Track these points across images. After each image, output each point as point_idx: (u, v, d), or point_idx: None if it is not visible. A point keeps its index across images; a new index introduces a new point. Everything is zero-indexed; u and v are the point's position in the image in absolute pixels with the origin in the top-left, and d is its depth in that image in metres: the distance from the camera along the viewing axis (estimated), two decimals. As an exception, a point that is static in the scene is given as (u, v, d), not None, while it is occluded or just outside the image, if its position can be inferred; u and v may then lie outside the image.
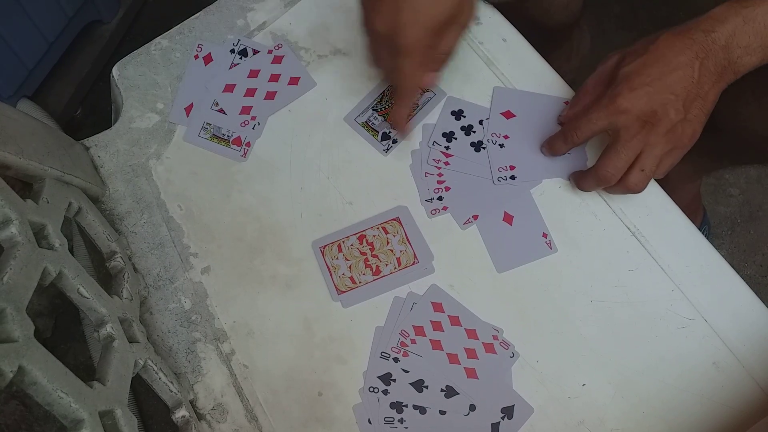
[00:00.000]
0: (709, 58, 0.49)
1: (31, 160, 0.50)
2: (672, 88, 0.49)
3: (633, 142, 0.51)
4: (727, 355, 0.53)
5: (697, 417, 0.52)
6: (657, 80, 0.49)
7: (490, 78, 0.64)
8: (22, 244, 0.43)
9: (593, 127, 0.52)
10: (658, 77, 0.49)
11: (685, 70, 0.49)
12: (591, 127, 0.53)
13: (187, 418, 0.52)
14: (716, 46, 0.49)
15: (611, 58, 0.55)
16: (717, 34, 0.49)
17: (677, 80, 0.49)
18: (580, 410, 0.53)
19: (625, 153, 0.51)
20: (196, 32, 0.69)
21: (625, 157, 0.52)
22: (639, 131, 0.51)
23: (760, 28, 0.48)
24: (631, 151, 0.51)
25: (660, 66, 0.50)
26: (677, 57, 0.49)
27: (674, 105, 0.50)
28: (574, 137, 0.54)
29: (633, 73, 0.51)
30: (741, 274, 0.56)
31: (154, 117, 0.65)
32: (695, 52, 0.49)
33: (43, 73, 1.20)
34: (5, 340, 0.37)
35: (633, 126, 0.50)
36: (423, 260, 0.58)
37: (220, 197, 0.62)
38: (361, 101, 0.65)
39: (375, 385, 0.54)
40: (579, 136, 0.54)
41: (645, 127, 0.50)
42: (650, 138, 0.51)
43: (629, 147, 0.51)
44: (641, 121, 0.50)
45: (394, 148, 0.62)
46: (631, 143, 0.51)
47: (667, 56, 0.50)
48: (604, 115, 0.51)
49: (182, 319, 0.58)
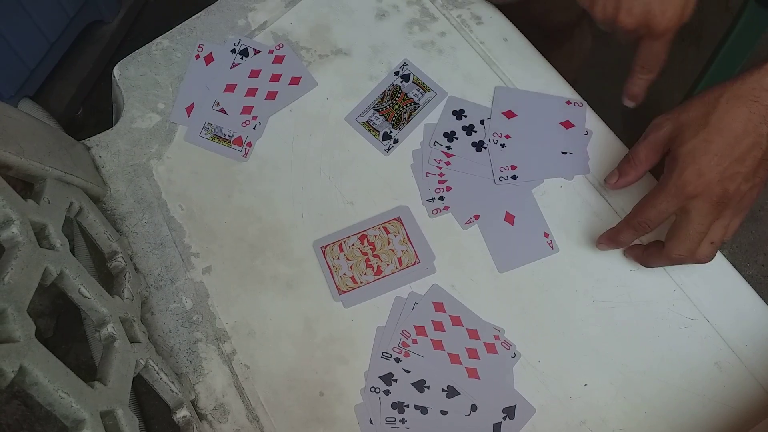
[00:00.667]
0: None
1: (32, 160, 0.50)
2: (742, 162, 0.46)
3: (705, 223, 0.48)
4: (729, 355, 0.53)
5: (699, 417, 0.52)
6: (725, 157, 0.46)
7: (491, 78, 0.64)
8: (23, 244, 0.43)
9: (663, 216, 0.49)
10: (727, 154, 0.46)
11: (753, 138, 0.46)
12: (661, 216, 0.49)
13: (189, 419, 0.52)
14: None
15: (663, 126, 0.51)
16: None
17: (746, 152, 0.46)
18: (581, 410, 0.53)
19: (698, 234, 0.48)
20: (197, 32, 0.69)
21: (698, 238, 0.49)
22: (711, 211, 0.48)
23: None
24: (702, 231, 0.48)
25: (725, 139, 0.46)
26: (744, 126, 0.46)
27: (745, 178, 0.47)
28: (645, 228, 0.51)
29: (698, 153, 0.47)
30: (743, 273, 0.55)
31: (155, 117, 0.65)
32: (762, 116, 0.46)
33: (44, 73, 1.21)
34: (6, 340, 0.37)
35: (705, 207, 0.48)
36: (424, 260, 0.58)
37: (221, 197, 0.62)
38: (361, 101, 0.65)
39: (376, 385, 0.54)
40: (650, 226, 0.50)
41: (717, 207, 0.48)
42: (723, 214, 0.48)
43: (701, 227, 0.48)
44: (713, 202, 0.47)
45: (395, 148, 0.62)
46: (703, 224, 0.48)
47: (732, 127, 0.46)
48: (674, 202, 0.48)
49: (183, 319, 0.58)
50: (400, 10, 0.68)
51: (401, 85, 0.65)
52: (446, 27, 0.67)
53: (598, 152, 0.60)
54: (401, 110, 0.64)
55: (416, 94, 0.64)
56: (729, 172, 0.46)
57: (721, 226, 0.49)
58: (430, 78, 0.65)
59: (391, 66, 0.66)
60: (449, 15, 0.68)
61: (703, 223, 0.48)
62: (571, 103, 0.62)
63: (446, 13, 0.68)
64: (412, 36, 0.67)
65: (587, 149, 0.60)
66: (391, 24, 0.68)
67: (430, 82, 0.65)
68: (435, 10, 0.68)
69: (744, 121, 0.46)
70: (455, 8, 0.68)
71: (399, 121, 0.63)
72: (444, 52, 0.66)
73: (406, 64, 0.66)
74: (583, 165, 0.60)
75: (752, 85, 0.46)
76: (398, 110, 0.64)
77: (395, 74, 0.65)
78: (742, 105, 0.46)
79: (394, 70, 0.65)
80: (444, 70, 0.65)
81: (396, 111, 0.64)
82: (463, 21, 0.67)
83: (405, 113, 0.64)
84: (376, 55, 0.66)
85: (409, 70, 0.65)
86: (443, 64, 0.65)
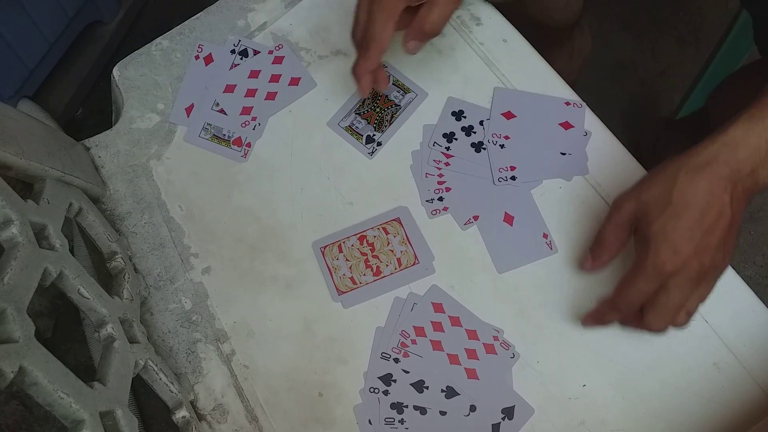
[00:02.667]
0: (737, 188, 0.46)
1: (31, 161, 0.50)
2: (712, 233, 0.46)
3: (684, 297, 0.48)
4: (728, 356, 0.53)
5: (697, 417, 0.52)
6: (696, 231, 0.46)
7: (490, 78, 0.64)
8: (22, 245, 0.44)
9: (643, 296, 0.48)
10: (697, 227, 0.46)
11: (718, 208, 0.46)
12: (641, 297, 0.48)
13: (188, 419, 0.52)
14: (742, 175, 0.46)
15: (624, 206, 0.50)
16: (742, 164, 0.46)
17: (713, 223, 0.46)
18: (580, 411, 0.53)
19: (677, 308, 0.48)
20: (197, 33, 0.69)
21: (677, 310, 0.48)
22: (690, 286, 0.47)
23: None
24: (681, 304, 0.48)
25: (692, 213, 0.46)
26: (707, 198, 0.46)
27: (717, 248, 0.47)
28: (629, 309, 0.49)
29: (669, 231, 0.47)
30: (741, 274, 0.56)
31: (155, 117, 0.65)
32: (723, 188, 0.46)
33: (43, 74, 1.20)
34: (6, 341, 0.37)
35: (684, 283, 0.47)
36: (423, 261, 0.58)
37: (220, 198, 0.62)
38: (343, 105, 0.65)
39: (375, 385, 0.54)
40: (634, 307, 0.49)
41: (696, 281, 0.47)
42: (700, 286, 0.48)
43: (681, 301, 0.48)
44: (692, 278, 0.47)
45: (379, 151, 0.62)
46: (682, 298, 0.48)
47: (696, 201, 0.46)
48: (655, 282, 0.47)
49: (183, 319, 0.58)
50: (399, 11, 0.68)
51: None
52: (446, 28, 0.67)
53: (597, 153, 0.60)
54: (383, 113, 0.64)
55: (397, 96, 0.64)
56: (702, 245, 0.46)
57: (697, 297, 0.48)
58: (410, 79, 0.65)
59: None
60: (448, 16, 0.68)
61: (682, 298, 0.47)
62: (570, 104, 0.62)
63: (445, 14, 0.68)
64: (411, 37, 0.67)
65: (586, 150, 0.61)
66: (390, 25, 0.68)
67: (410, 83, 0.65)
68: (434, 11, 0.68)
69: (706, 193, 0.46)
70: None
71: (381, 124, 0.63)
72: (443, 53, 0.66)
73: (385, 66, 0.66)
74: (582, 166, 0.60)
75: (707, 158, 0.46)
76: (380, 113, 0.64)
77: None
78: (701, 178, 0.46)
79: None
80: (443, 70, 0.65)
81: (378, 114, 0.64)
82: (462, 22, 0.67)
83: (387, 115, 0.64)
84: (375, 55, 0.66)
85: (388, 72, 0.65)
86: (442, 65, 0.66)
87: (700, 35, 1.35)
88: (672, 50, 1.34)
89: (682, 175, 0.47)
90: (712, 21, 1.36)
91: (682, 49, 1.34)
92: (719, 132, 0.47)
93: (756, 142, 0.45)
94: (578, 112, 0.62)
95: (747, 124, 0.46)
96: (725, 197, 0.46)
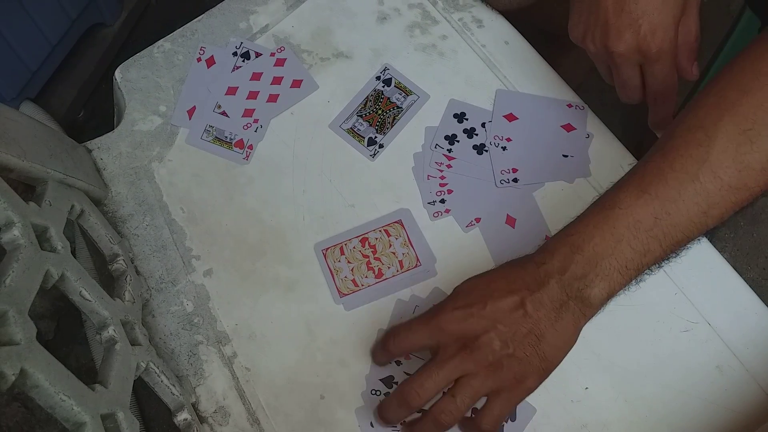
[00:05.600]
0: (543, 292, 0.44)
1: (33, 163, 0.50)
2: (497, 317, 0.44)
3: (449, 365, 0.44)
4: (731, 359, 0.53)
5: (700, 420, 0.52)
6: (482, 304, 0.45)
7: (492, 81, 0.64)
8: (24, 247, 0.43)
9: (412, 337, 0.47)
10: (484, 301, 0.45)
11: (514, 301, 0.44)
12: (410, 336, 0.47)
13: (189, 421, 0.52)
14: (550, 279, 0.45)
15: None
16: (547, 266, 0.45)
17: (503, 310, 0.44)
18: (583, 414, 0.53)
19: (437, 374, 0.44)
20: (199, 35, 0.69)
21: (436, 379, 0.44)
22: (457, 353, 0.45)
23: (590, 257, 0.44)
24: (443, 374, 0.44)
25: (489, 291, 0.45)
26: (508, 286, 0.45)
27: (499, 336, 0.44)
28: (391, 346, 0.48)
29: (461, 293, 0.47)
30: (744, 277, 0.55)
31: (157, 120, 0.65)
32: (526, 284, 0.45)
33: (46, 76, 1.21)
34: (7, 343, 0.37)
35: (451, 347, 0.45)
36: (425, 263, 0.58)
37: (222, 200, 0.62)
38: (345, 107, 0.65)
39: (377, 387, 0.54)
40: (397, 345, 0.48)
41: (464, 351, 0.44)
42: (468, 365, 0.44)
43: (444, 368, 0.44)
44: (460, 343, 0.45)
45: (381, 153, 0.62)
46: (447, 365, 0.44)
47: (497, 283, 0.46)
48: (424, 329, 0.46)
49: (184, 321, 0.58)
50: (401, 14, 0.68)
51: (383, 90, 0.65)
52: (447, 30, 0.67)
53: (599, 155, 0.60)
54: (385, 115, 0.64)
55: (399, 98, 0.65)
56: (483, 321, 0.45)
57: (468, 385, 0.44)
58: (412, 81, 0.65)
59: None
60: (450, 18, 0.68)
61: (446, 363, 0.45)
62: (573, 106, 0.62)
63: (447, 16, 0.68)
64: (413, 39, 0.67)
65: (588, 152, 0.61)
66: (392, 27, 0.68)
67: (412, 85, 0.65)
68: (436, 14, 0.68)
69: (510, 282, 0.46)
70: (456, 11, 0.68)
71: (383, 126, 0.63)
72: (445, 55, 0.66)
73: (387, 68, 0.66)
74: (585, 168, 0.60)
75: (528, 257, 0.47)
76: (382, 115, 0.64)
77: (377, 79, 0.65)
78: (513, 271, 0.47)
79: (375, 75, 0.66)
80: (445, 73, 0.65)
81: (380, 116, 0.64)
82: (464, 24, 0.67)
83: (389, 117, 0.64)
84: (377, 58, 0.67)
85: (390, 74, 0.65)
86: (444, 67, 0.66)
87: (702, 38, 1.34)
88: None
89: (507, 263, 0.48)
90: (712, 24, 1.36)
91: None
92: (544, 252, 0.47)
93: (562, 250, 0.45)
94: (580, 114, 0.62)
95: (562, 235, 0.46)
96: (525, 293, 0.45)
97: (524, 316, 0.44)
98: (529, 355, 0.44)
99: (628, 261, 0.44)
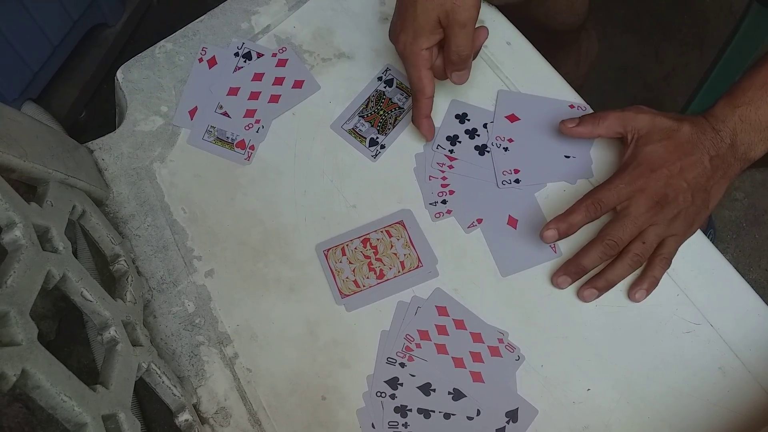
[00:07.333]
0: (719, 156, 0.53)
1: (35, 163, 0.50)
2: (685, 177, 0.53)
3: (641, 218, 0.53)
4: (733, 360, 0.53)
5: (702, 422, 0.52)
6: (675, 166, 0.53)
7: (494, 81, 0.64)
8: (26, 247, 0.43)
9: (614, 199, 0.54)
10: (677, 163, 0.53)
11: (700, 162, 0.53)
12: (612, 199, 0.54)
13: (191, 422, 0.52)
14: (724, 144, 0.53)
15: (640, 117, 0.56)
16: (723, 134, 0.53)
17: (690, 169, 0.53)
18: (584, 415, 0.53)
19: (631, 226, 0.53)
20: (201, 35, 0.69)
21: (630, 230, 0.53)
22: (648, 209, 0.53)
23: (756, 125, 0.53)
24: (636, 226, 0.53)
25: (679, 154, 0.53)
26: (694, 148, 0.53)
27: (684, 193, 0.53)
28: (597, 209, 0.54)
29: (656, 156, 0.54)
30: (746, 278, 0.55)
31: (158, 120, 0.65)
32: (707, 148, 0.53)
33: (47, 76, 1.21)
34: (9, 344, 0.37)
35: (644, 204, 0.53)
36: (427, 264, 0.58)
37: (223, 200, 0.62)
38: (346, 108, 0.65)
39: (382, 389, 0.54)
40: (602, 208, 0.54)
41: (655, 207, 0.53)
42: (657, 218, 0.53)
43: (637, 221, 0.53)
44: (653, 201, 0.53)
45: (383, 154, 0.62)
46: (639, 219, 0.53)
47: (685, 147, 0.54)
48: (627, 189, 0.53)
49: (186, 322, 0.58)
50: (403, 14, 0.68)
51: (385, 91, 0.65)
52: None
53: (601, 156, 0.60)
54: (386, 115, 0.64)
55: (400, 99, 0.64)
56: (674, 181, 0.53)
57: (654, 234, 0.53)
58: None
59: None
60: (452, 19, 0.68)
61: (639, 218, 0.53)
62: (575, 106, 0.62)
63: (449, 16, 0.68)
64: (415, 39, 0.67)
65: (590, 153, 0.60)
66: (394, 27, 0.68)
67: None
68: (438, 14, 0.68)
69: (694, 146, 0.54)
70: (458, 12, 0.68)
71: (385, 127, 0.63)
72: (447, 56, 0.66)
73: (389, 69, 0.66)
74: (587, 169, 0.60)
75: (702, 121, 0.54)
76: (383, 115, 0.64)
77: (379, 80, 0.65)
78: (696, 135, 0.54)
79: (377, 75, 0.66)
80: (447, 73, 0.65)
81: (381, 116, 0.64)
82: (466, 25, 0.67)
83: (390, 118, 0.64)
84: (379, 58, 0.66)
85: (392, 75, 0.65)
86: (446, 68, 0.65)
87: (704, 39, 1.34)
88: (676, 54, 1.33)
89: (688, 125, 0.54)
90: (716, 24, 1.36)
91: (686, 53, 1.33)
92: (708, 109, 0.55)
93: (733, 119, 0.53)
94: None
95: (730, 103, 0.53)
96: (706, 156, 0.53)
97: (703, 175, 0.53)
98: (700, 207, 0.54)
99: None
